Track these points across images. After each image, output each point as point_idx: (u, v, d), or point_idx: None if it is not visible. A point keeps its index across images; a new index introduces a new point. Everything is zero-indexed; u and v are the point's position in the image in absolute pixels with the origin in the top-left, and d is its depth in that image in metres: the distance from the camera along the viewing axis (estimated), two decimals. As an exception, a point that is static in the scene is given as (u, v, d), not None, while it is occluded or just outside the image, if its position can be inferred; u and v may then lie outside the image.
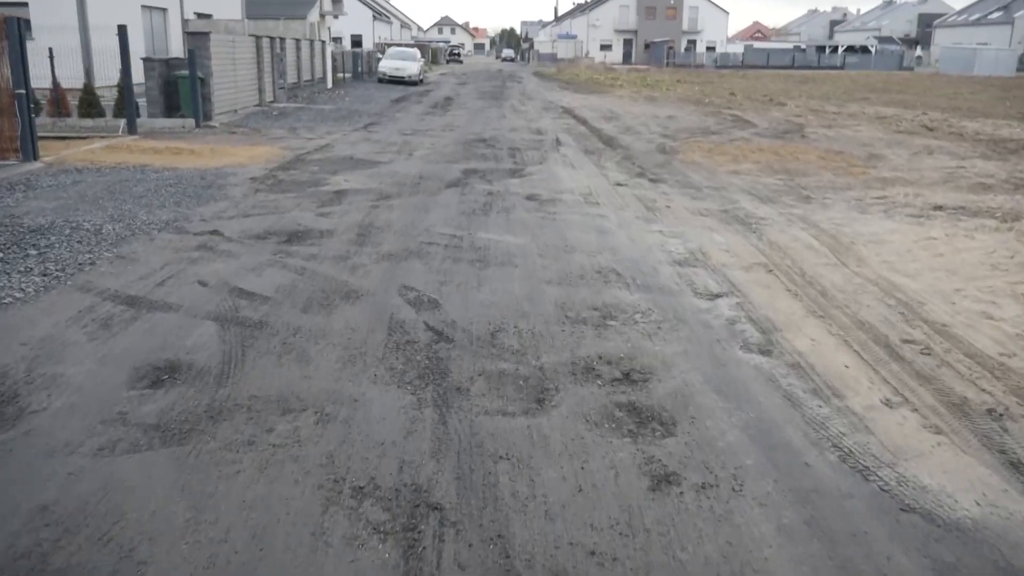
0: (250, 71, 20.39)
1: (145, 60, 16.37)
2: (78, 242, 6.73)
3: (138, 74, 16.47)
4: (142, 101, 16.71)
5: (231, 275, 5.93)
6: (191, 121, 16.32)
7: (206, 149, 12.58)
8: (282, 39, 23.90)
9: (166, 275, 5.90)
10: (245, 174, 10.51)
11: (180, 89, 16.68)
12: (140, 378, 4.14)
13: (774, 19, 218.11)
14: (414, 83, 36.37)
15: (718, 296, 5.79)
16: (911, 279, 6.25)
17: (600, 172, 11.55)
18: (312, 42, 28.51)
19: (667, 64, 73.85)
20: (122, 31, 13.21)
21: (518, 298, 5.59)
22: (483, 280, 5.99)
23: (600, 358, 4.55)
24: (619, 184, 10.55)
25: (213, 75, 17.16)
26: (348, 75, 38.67)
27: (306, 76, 27.40)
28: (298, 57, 26.00)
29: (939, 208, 9.04)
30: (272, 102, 22.54)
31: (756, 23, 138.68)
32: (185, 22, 27.53)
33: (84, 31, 19.89)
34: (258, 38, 20.97)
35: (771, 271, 6.46)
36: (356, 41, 65.88)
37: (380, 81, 36.81)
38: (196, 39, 17.01)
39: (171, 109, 16.86)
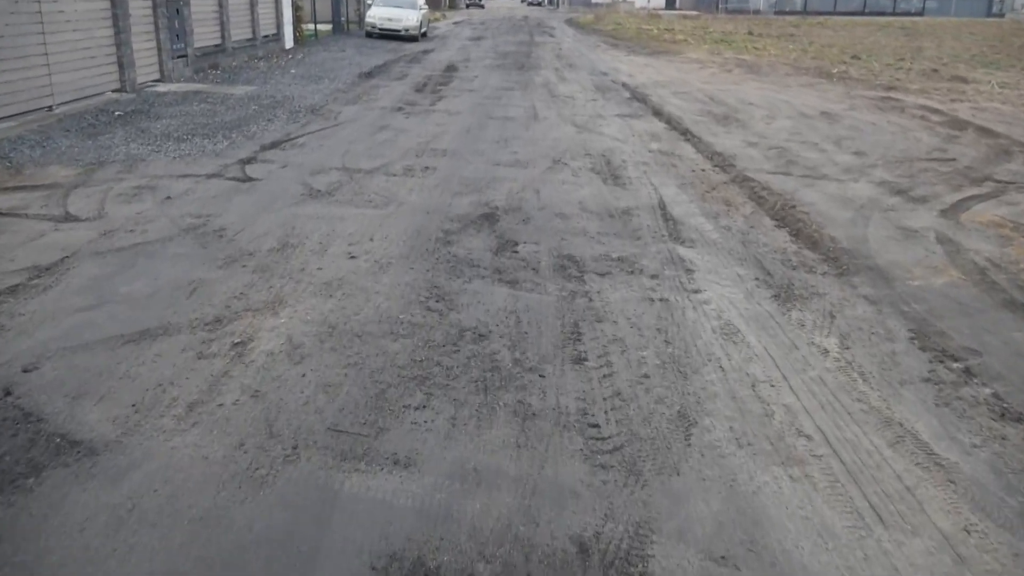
0: (93, 33, 11.57)
1: None
2: None
3: None
4: None
5: None
6: None
7: None
8: (181, -23, 14.90)
9: None
10: None
11: None
12: None
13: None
14: (412, 38, 27.08)
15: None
16: None
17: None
18: (253, -18, 19.38)
19: (719, 9, 63.36)
20: None
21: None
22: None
23: None
24: None
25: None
26: (328, 26, 29.38)
27: (241, 34, 18.40)
28: (220, 5, 17.00)
29: None
30: (157, 81, 13.75)
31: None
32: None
33: None
34: (113, -26, 12.07)
35: None
36: (363, -17, 55.99)
37: (369, 35, 27.48)
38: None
39: None
